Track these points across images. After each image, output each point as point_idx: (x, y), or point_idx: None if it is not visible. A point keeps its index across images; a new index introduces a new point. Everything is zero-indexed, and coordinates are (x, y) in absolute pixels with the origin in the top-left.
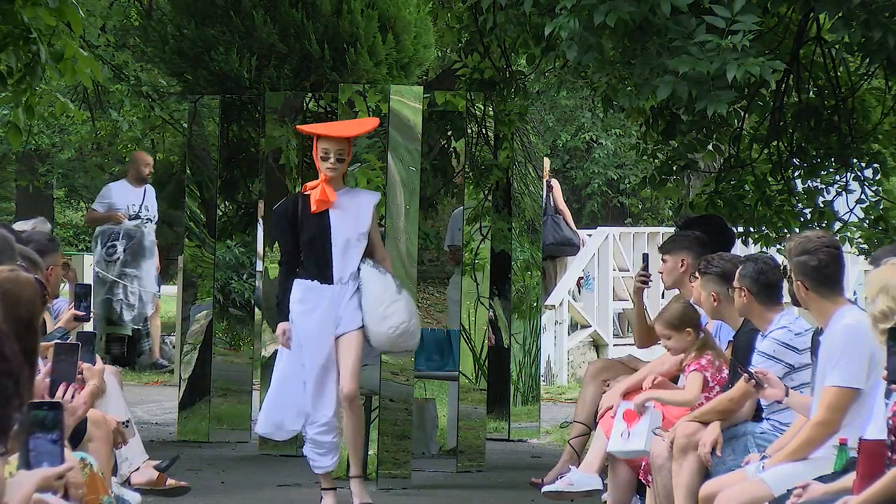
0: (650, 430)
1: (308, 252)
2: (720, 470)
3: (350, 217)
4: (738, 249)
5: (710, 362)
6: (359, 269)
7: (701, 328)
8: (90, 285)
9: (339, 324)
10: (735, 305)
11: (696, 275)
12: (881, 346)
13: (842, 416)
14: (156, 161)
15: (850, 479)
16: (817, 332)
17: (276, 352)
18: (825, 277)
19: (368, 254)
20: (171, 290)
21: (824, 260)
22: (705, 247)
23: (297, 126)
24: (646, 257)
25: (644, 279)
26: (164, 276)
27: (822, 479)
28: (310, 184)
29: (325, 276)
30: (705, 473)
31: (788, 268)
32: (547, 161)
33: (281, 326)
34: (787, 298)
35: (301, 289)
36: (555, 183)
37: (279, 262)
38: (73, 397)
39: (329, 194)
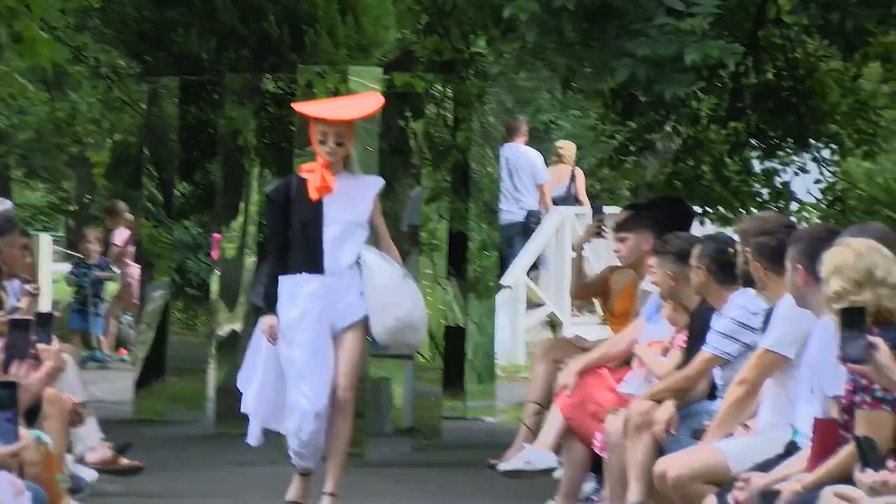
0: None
1: (297, 239)
2: (674, 448)
3: (347, 204)
4: (694, 230)
5: (685, 342)
6: (357, 260)
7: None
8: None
9: (337, 318)
10: (692, 284)
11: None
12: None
13: (763, 378)
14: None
15: (789, 465)
16: (771, 313)
17: (233, 332)
18: (782, 257)
19: (373, 243)
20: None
21: (783, 240)
22: (663, 227)
23: (292, 104)
24: (600, 208)
25: (600, 228)
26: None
27: (770, 460)
28: (306, 166)
29: (314, 265)
30: (660, 451)
31: (739, 248)
32: (573, 147)
33: (267, 321)
34: None
35: (287, 286)
36: (578, 172)
37: (267, 249)
38: (26, 374)
39: (328, 180)
